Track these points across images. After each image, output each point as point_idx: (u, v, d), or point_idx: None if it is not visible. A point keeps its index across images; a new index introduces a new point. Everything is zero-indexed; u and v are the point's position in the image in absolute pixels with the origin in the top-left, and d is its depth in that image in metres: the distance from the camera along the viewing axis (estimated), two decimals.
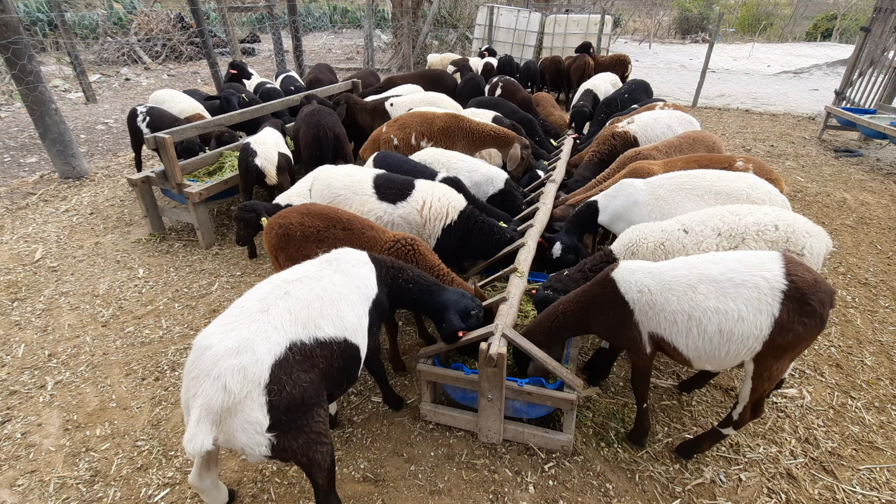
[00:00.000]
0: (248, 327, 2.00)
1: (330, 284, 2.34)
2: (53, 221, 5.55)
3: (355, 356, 2.33)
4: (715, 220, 2.87)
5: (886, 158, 7.98)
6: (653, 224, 3.07)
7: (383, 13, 22.48)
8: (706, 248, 2.76)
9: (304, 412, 2.02)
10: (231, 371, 1.86)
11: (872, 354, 3.63)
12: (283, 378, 1.95)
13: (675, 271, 2.42)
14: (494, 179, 4.27)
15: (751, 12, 28.34)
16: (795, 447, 2.88)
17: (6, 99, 10.27)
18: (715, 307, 2.28)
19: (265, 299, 2.15)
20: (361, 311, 2.42)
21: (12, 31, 5.74)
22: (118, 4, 16.87)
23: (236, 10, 15.79)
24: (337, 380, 2.26)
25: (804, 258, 2.68)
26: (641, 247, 2.96)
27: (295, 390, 1.97)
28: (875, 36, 8.71)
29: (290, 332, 2.07)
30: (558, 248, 3.77)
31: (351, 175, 3.73)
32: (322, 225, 3.15)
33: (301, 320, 2.12)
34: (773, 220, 2.76)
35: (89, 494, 2.62)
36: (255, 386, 1.88)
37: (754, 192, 3.32)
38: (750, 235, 2.74)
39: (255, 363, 1.90)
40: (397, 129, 5.02)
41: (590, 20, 13.84)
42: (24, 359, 3.57)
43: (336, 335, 2.21)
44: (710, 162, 4.04)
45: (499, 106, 6.40)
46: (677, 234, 2.87)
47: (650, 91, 7.49)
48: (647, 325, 2.48)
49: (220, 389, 1.84)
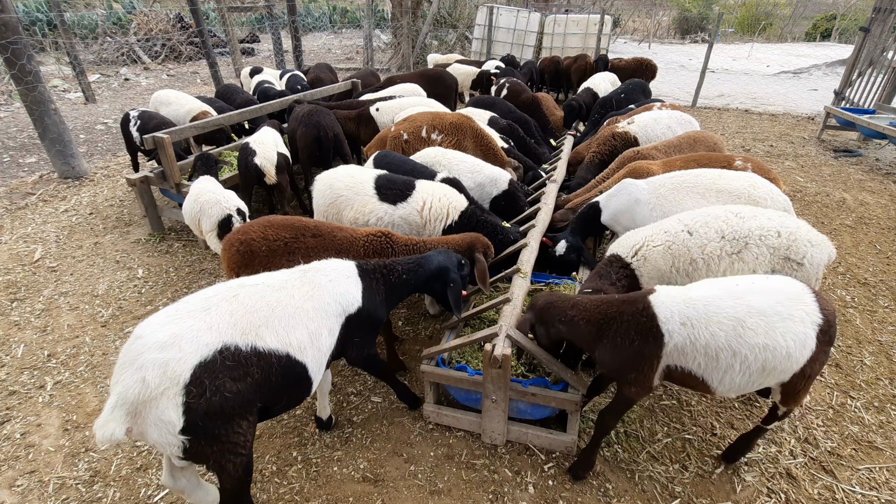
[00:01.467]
0: (182, 323, 1.94)
1: (287, 296, 2.24)
2: (53, 221, 5.55)
3: (300, 375, 2.19)
4: (718, 222, 2.80)
5: (885, 158, 7.99)
6: (655, 226, 3.02)
7: (383, 13, 22.48)
8: (710, 252, 2.72)
9: (224, 421, 1.93)
10: (153, 364, 1.82)
11: (872, 354, 3.63)
12: (205, 382, 1.86)
13: (720, 301, 2.21)
14: (498, 180, 4.26)
15: (750, 12, 28.37)
16: (795, 447, 2.88)
17: (5, 99, 10.26)
18: (764, 344, 2.13)
19: (211, 298, 2.10)
20: (322, 328, 2.30)
21: (11, 30, 5.74)
22: (117, 4, 16.86)
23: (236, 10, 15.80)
24: (276, 395, 2.15)
25: (803, 267, 2.64)
26: (649, 249, 2.88)
27: (216, 397, 1.88)
28: (874, 36, 8.72)
29: (226, 335, 1.98)
30: (562, 245, 3.76)
31: (352, 176, 3.74)
32: (289, 235, 3.00)
33: (241, 326, 2.03)
34: (777, 226, 2.71)
35: (89, 495, 2.61)
36: (173, 384, 1.82)
37: (755, 191, 3.32)
38: (753, 240, 2.68)
39: (178, 361, 1.84)
40: (407, 124, 5.03)
41: (589, 20, 13.85)
42: (24, 359, 3.56)
43: (278, 348, 2.10)
44: (708, 161, 4.04)
45: (496, 106, 6.40)
46: (682, 236, 2.81)
47: (648, 91, 7.50)
48: (673, 360, 2.26)
49: (139, 381, 1.80)
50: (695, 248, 2.75)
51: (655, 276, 2.83)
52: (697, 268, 2.71)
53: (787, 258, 2.63)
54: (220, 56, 14.80)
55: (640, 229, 3.07)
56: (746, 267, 2.66)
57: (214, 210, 4.11)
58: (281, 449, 2.87)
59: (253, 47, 17.84)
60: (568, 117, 7.24)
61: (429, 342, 3.71)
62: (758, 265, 2.66)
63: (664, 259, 2.81)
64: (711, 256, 2.69)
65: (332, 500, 2.58)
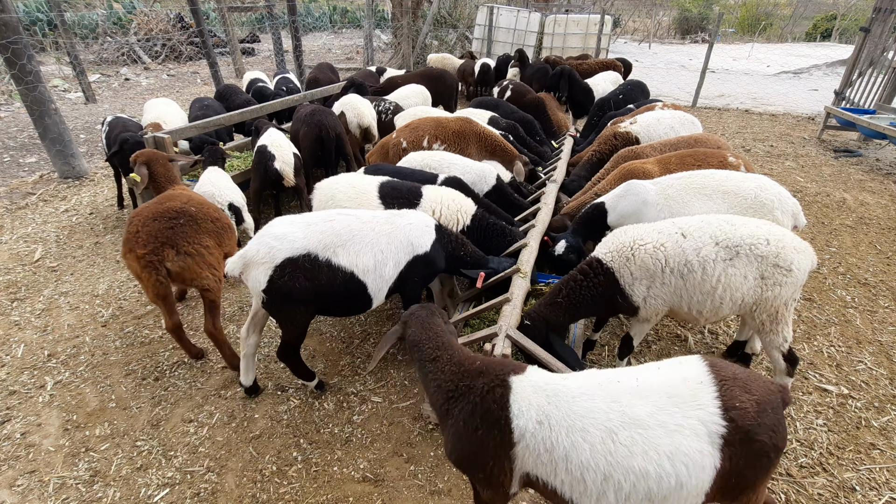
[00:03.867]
0: (292, 227, 2.78)
1: (369, 229, 2.89)
2: (53, 221, 5.55)
3: (358, 291, 2.86)
4: (712, 228, 2.76)
5: (886, 158, 7.99)
6: (646, 225, 2.96)
7: (383, 13, 22.48)
8: (705, 255, 2.68)
9: (288, 300, 2.74)
10: (266, 244, 2.72)
11: (872, 354, 3.63)
12: (287, 269, 2.68)
13: (591, 401, 1.69)
14: (487, 177, 4.26)
15: (750, 12, 28.36)
16: (795, 447, 2.88)
17: (6, 99, 10.27)
18: (643, 469, 1.59)
19: (315, 217, 2.88)
20: (389, 260, 2.90)
21: (12, 30, 5.74)
22: (118, 4, 16.86)
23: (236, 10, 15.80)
24: (334, 300, 2.85)
25: (792, 274, 2.63)
26: (639, 250, 2.78)
27: (289, 283, 2.68)
28: (874, 36, 8.72)
29: (312, 246, 2.74)
30: (562, 245, 3.71)
31: (354, 186, 3.63)
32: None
33: (325, 243, 2.77)
34: (765, 234, 2.69)
35: (89, 494, 2.62)
36: (269, 261, 2.68)
37: (763, 193, 3.29)
38: (744, 249, 2.66)
39: (278, 249, 2.69)
40: (409, 132, 4.99)
41: (589, 20, 13.86)
42: (24, 359, 3.56)
43: (345, 266, 2.79)
44: (703, 157, 4.05)
45: (498, 107, 6.40)
46: (676, 237, 2.76)
47: (647, 91, 7.49)
48: (530, 467, 1.73)
49: (256, 250, 2.72)
50: (690, 251, 2.71)
51: (644, 276, 2.76)
52: (693, 269, 2.68)
53: (776, 265, 2.63)
54: (220, 56, 14.80)
55: (632, 226, 2.99)
56: (738, 273, 2.65)
57: None
58: (281, 449, 2.87)
59: (253, 47, 17.84)
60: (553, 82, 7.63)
61: None
62: (748, 272, 2.65)
63: (653, 260, 2.74)
64: (707, 260, 2.67)
65: (332, 500, 2.58)
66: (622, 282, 2.81)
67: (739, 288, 2.66)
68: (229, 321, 4.00)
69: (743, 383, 1.68)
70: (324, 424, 3.04)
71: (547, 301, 2.96)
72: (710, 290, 2.68)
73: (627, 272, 2.80)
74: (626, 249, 2.82)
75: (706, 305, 2.73)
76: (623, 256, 2.81)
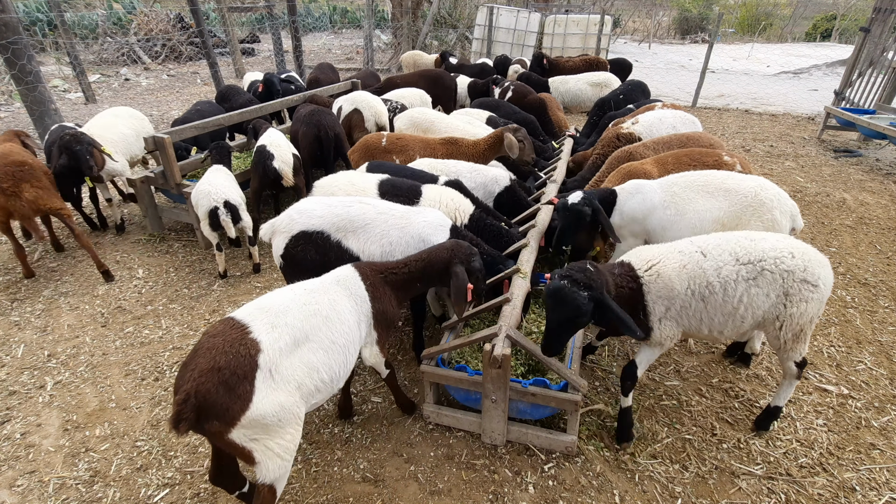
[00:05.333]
0: (314, 206, 3.14)
1: (383, 220, 3.10)
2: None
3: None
4: (731, 245, 2.61)
5: (886, 159, 7.99)
6: (666, 245, 2.78)
7: (383, 13, 22.48)
8: (726, 275, 2.53)
9: (299, 269, 3.07)
10: (288, 216, 3.12)
11: (872, 354, 3.63)
12: (301, 241, 3.03)
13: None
14: (499, 178, 4.27)
15: (750, 13, 28.36)
16: (795, 447, 2.88)
17: (6, 99, 10.27)
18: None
19: (335, 200, 3.19)
20: (396, 251, 3.06)
21: (12, 31, 5.74)
22: (118, 4, 16.86)
23: (236, 10, 15.80)
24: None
25: (818, 289, 2.50)
26: (665, 266, 2.63)
27: (301, 253, 3.03)
28: (874, 36, 8.72)
29: (327, 226, 3.05)
30: (578, 195, 3.42)
31: (354, 184, 3.67)
32: None
33: (339, 226, 3.07)
34: (788, 248, 2.56)
35: (89, 495, 2.61)
36: (293, 231, 3.05)
37: (763, 192, 3.31)
38: (768, 263, 2.51)
39: (297, 222, 3.08)
40: (398, 145, 4.87)
41: (589, 20, 13.87)
42: (24, 359, 3.56)
43: (353, 250, 3.05)
44: (698, 156, 4.11)
45: (499, 108, 6.40)
46: (696, 256, 2.61)
47: (647, 91, 7.49)
48: None
49: (280, 219, 3.13)
50: (711, 271, 2.56)
51: (666, 296, 2.61)
52: (714, 291, 2.54)
53: (804, 280, 2.49)
54: (220, 56, 14.81)
55: (652, 246, 2.85)
56: (761, 292, 2.51)
57: (203, 201, 4.22)
58: None
59: (253, 47, 17.84)
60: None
61: (429, 342, 3.71)
62: (771, 289, 2.51)
63: (679, 278, 2.58)
64: (728, 280, 2.52)
65: (332, 501, 2.58)
66: (647, 298, 2.65)
67: (760, 305, 2.54)
68: None
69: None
70: (324, 424, 3.04)
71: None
72: (731, 310, 2.55)
73: (654, 289, 2.63)
74: (652, 266, 2.67)
75: (728, 327, 2.61)
76: (654, 272, 2.65)
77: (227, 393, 1.91)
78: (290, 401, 2.06)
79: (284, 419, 2.04)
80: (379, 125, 5.89)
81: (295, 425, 2.12)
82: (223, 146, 4.88)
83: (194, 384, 1.88)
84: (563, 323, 2.48)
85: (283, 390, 2.05)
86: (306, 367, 2.17)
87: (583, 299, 2.39)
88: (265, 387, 1.99)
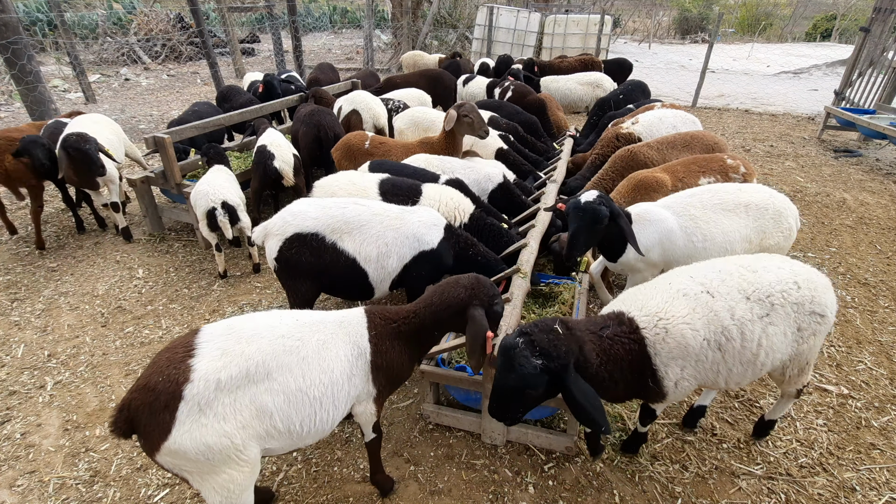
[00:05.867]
0: (309, 208, 3.08)
1: (378, 221, 3.07)
2: (53, 221, 5.55)
3: (359, 278, 3.07)
4: (735, 279, 2.26)
5: (886, 158, 7.99)
6: (663, 285, 2.35)
7: (383, 13, 22.49)
8: (741, 316, 2.17)
9: (294, 272, 3.04)
10: (282, 218, 3.04)
11: (872, 354, 3.63)
12: (295, 244, 2.99)
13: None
14: (492, 176, 4.27)
15: (750, 12, 28.37)
16: (795, 447, 2.88)
17: (6, 99, 10.27)
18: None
19: (331, 202, 3.16)
20: (392, 253, 3.07)
21: (12, 31, 5.74)
22: (118, 4, 16.87)
23: (236, 10, 15.80)
24: (336, 281, 3.10)
25: (825, 319, 2.26)
26: (674, 318, 2.17)
27: (295, 255, 2.99)
28: (874, 36, 8.72)
29: (321, 227, 3.01)
30: (592, 193, 3.00)
31: (354, 182, 3.68)
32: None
33: (333, 227, 3.02)
34: (791, 277, 2.27)
35: (89, 495, 2.62)
36: (281, 233, 3.00)
37: (776, 201, 3.26)
38: (777, 299, 2.20)
39: (291, 224, 3.01)
40: (380, 149, 4.79)
41: (589, 20, 13.87)
42: (24, 359, 3.56)
43: (349, 252, 3.02)
44: (705, 162, 4.08)
45: (500, 108, 6.40)
46: (703, 298, 2.21)
47: (647, 91, 7.49)
48: None
49: (273, 222, 3.07)
50: (723, 312, 2.17)
51: (680, 355, 2.15)
52: (731, 337, 2.15)
53: (812, 312, 2.23)
54: (220, 56, 14.81)
55: (647, 289, 2.38)
56: (778, 331, 2.20)
57: (201, 202, 4.22)
58: None
59: (253, 47, 17.84)
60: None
61: None
62: (787, 327, 2.22)
63: (692, 331, 2.14)
64: (744, 322, 2.16)
65: (332, 500, 2.58)
66: (657, 361, 2.16)
67: (780, 347, 2.23)
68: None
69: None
70: None
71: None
72: (751, 357, 2.19)
73: (664, 350, 2.16)
74: (659, 321, 2.19)
75: (747, 376, 2.26)
76: (661, 328, 2.16)
77: (150, 417, 1.73)
78: (221, 442, 1.76)
79: (215, 459, 1.77)
80: (377, 126, 5.87)
81: (234, 466, 1.82)
82: (215, 147, 4.86)
83: (129, 397, 1.77)
84: (509, 391, 2.03)
85: (214, 430, 1.75)
86: (255, 409, 1.83)
87: (532, 369, 1.93)
88: (189, 421, 1.73)
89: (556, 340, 2.00)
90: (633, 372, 2.18)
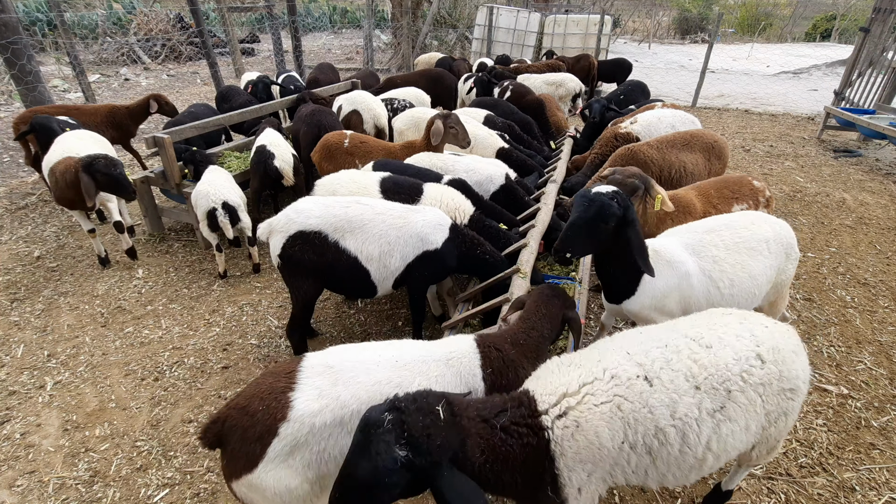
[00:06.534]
0: (314, 205, 3.08)
1: (381, 220, 3.05)
2: (52, 221, 5.54)
3: (361, 276, 3.06)
4: (684, 359, 1.77)
5: (885, 159, 7.99)
6: (588, 360, 1.83)
7: (383, 13, 22.49)
8: (684, 414, 1.68)
9: (297, 270, 3.08)
10: (286, 216, 3.04)
11: (872, 354, 3.63)
12: (298, 242, 3.00)
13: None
14: (494, 177, 4.27)
15: (750, 13, 28.38)
16: (795, 447, 2.88)
17: (5, 99, 10.26)
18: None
19: (334, 199, 3.15)
20: (395, 252, 3.05)
21: (11, 31, 5.74)
22: (118, 4, 16.86)
23: (236, 10, 15.80)
24: (339, 279, 3.10)
25: (797, 393, 1.87)
26: (588, 409, 1.67)
27: (298, 254, 3.00)
28: (874, 36, 8.72)
29: (324, 226, 2.98)
30: (608, 187, 2.52)
31: (356, 181, 3.69)
32: None
33: (336, 225, 3.00)
34: (752, 348, 1.82)
35: (88, 495, 2.61)
36: (285, 231, 3.01)
37: (784, 230, 2.91)
38: (735, 384, 1.75)
39: (294, 222, 3.01)
40: (362, 149, 4.73)
41: (589, 20, 13.87)
42: (24, 359, 3.56)
43: (351, 250, 3.00)
44: (736, 186, 3.78)
45: (497, 107, 6.39)
46: (638, 385, 1.71)
47: (647, 91, 7.50)
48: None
49: (278, 220, 3.07)
50: (661, 410, 1.67)
51: (589, 458, 1.65)
52: (668, 442, 1.68)
53: (781, 391, 1.83)
54: (220, 56, 14.80)
55: (566, 363, 1.86)
56: (736, 427, 1.75)
57: (202, 202, 4.22)
58: None
59: (253, 47, 17.83)
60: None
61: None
62: (749, 417, 1.78)
63: (611, 429, 1.65)
64: (688, 422, 1.69)
65: None
66: (559, 464, 1.65)
67: (737, 444, 1.79)
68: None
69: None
70: None
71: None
72: (694, 463, 1.74)
73: (570, 450, 1.65)
74: (567, 410, 1.68)
75: (689, 479, 1.82)
76: (570, 421, 1.66)
77: (242, 443, 1.69)
78: (302, 489, 1.68)
79: (286, 503, 1.72)
80: (377, 127, 5.87)
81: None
82: (200, 152, 4.85)
83: (228, 412, 1.73)
84: (355, 485, 1.45)
85: (298, 474, 1.68)
86: (340, 459, 1.68)
87: (390, 462, 1.40)
88: (277, 460, 1.66)
89: (431, 428, 1.48)
90: (527, 474, 1.66)
